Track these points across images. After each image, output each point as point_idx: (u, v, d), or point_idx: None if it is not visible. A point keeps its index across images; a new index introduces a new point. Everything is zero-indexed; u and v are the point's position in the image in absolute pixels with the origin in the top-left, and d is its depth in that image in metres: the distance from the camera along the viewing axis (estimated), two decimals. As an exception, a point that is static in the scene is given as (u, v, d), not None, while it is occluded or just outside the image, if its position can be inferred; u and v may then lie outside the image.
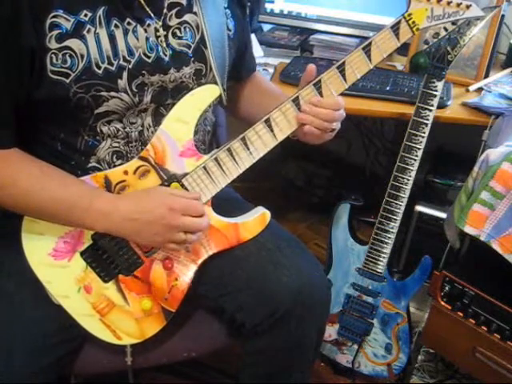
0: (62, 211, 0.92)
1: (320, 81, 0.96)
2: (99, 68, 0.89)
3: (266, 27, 1.94)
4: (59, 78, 0.87)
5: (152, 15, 0.93)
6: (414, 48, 1.65)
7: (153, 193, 0.95)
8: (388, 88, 1.50)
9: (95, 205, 0.91)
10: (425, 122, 1.27)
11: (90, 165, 0.98)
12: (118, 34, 0.90)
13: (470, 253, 1.40)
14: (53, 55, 0.86)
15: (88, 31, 0.88)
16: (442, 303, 1.31)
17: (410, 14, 0.94)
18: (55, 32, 0.85)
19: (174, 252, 0.98)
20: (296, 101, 0.96)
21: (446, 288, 1.30)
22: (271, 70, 1.64)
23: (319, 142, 1.02)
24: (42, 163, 0.93)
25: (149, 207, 0.92)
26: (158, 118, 0.98)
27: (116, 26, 0.90)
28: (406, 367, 1.51)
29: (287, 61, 1.67)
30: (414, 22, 0.94)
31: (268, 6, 1.79)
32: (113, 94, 0.92)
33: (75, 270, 0.97)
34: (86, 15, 0.87)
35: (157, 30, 0.94)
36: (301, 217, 2.33)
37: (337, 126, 1.00)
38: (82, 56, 0.88)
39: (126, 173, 0.96)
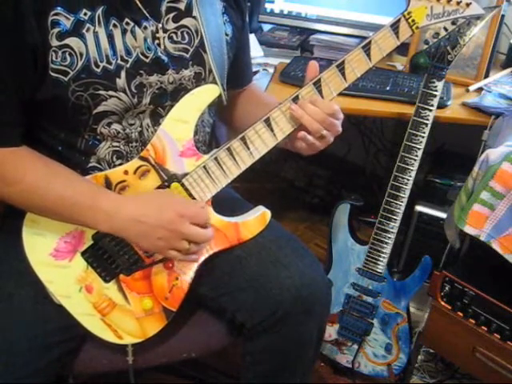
0: (66, 209, 0.92)
1: (320, 80, 0.95)
2: (98, 67, 0.89)
3: (266, 27, 1.94)
4: (58, 75, 0.87)
5: (149, 17, 0.93)
6: (413, 48, 1.65)
7: (162, 196, 0.95)
8: (388, 88, 1.50)
9: (99, 204, 0.91)
10: (425, 121, 1.27)
11: (90, 164, 0.98)
12: (117, 33, 0.90)
13: (470, 253, 1.40)
14: (53, 53, 0.86)
15: (87, 30, 0.88)
16: (442, 303, 1.31)
17: (409, 13, 0.94)
18: (56, 30, 0.85)
19: None
20: (296, 100, 0.96)
21: (446, 288, 1.30)
22: (271, 70, 1.64)
23: (309, 153, 1.01)
24: (49, 160, 0.93)
25: (157, 210, 0.91)
26: (156, 118, 0.98)
27: (114, 25, 0.90)
28: (406, 367, 1.51)
29: (287, 61, 1.67)
30: (413, 21, 0.94)
31: (268, 6, 1.79)
32: (111, 93, 0.91)
33: (76, 270, 0.97)
34: (85, 14, 0.87)
35: (155, 33, 0.94)
36: (301, 217, 2.33)
37: (328, 134, 0.97)
38: (81, 54, 0.88)
39: (126, 173, 0.96)
